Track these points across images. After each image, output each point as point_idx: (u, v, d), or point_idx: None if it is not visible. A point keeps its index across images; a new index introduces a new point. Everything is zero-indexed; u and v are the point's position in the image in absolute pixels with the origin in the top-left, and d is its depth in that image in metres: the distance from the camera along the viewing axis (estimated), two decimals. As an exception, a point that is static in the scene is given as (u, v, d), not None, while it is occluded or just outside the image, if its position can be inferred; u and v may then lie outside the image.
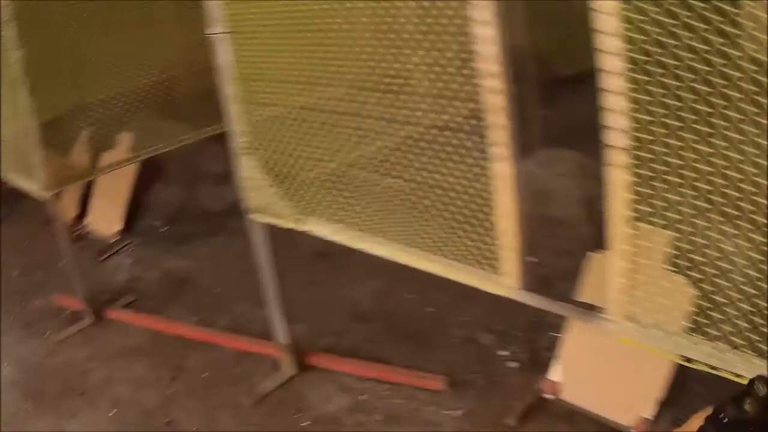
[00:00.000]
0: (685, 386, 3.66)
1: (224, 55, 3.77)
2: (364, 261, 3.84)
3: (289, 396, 4.48)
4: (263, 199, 3.96)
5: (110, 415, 4.45)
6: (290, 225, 3.88)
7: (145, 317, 5.31)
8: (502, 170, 2.85)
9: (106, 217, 6.34)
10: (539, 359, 4.27)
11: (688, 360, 2.63)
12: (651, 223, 2.53)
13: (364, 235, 3.57)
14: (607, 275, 2.73)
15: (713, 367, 2.56)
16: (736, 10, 2.11)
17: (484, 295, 3.24)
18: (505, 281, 3.07)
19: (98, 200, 6.43)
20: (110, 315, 5.38)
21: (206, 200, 6.41)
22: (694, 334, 2.57)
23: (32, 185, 5.25)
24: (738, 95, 2.15)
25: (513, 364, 4.36)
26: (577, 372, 3.92)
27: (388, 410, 4.23)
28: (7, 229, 6.96)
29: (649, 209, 2.49)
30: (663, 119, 2.33)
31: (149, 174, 6.36)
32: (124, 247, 6.22)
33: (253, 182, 3.94)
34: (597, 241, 4.62)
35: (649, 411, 3.64)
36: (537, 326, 4.47)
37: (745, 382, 1.50)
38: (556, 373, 4.00)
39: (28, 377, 4.86)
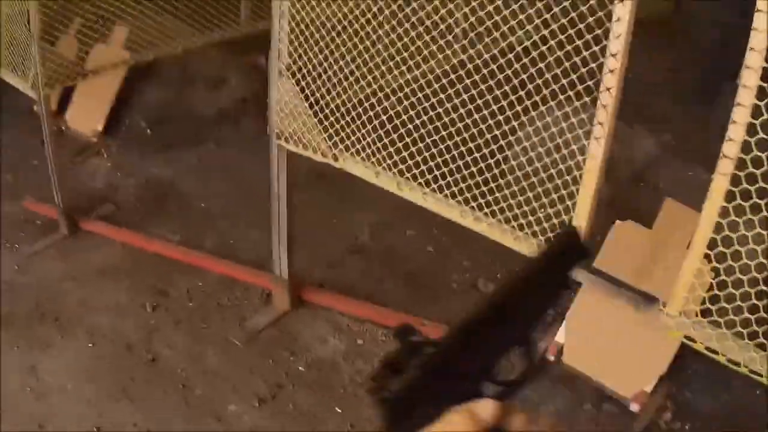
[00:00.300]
0: (684, 363, 3.64)
1: None
2: (364, 187, 3.60)
3: (282, 335, 4.20)
4: (295, 126, 3.66)
5: (88, 346, 4.08)
6: (322, 158, 3.60)
7: (124, 232, 4.89)
8: (597, 150, 2.75)
9: (86, 115, 5.81)
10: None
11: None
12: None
13: (405, 181, 3.35)
14: (681, 275, 2.66)
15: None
16: None
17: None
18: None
19: (80, 95, 5.86)
20: (86, 227, 4.94)
21: (196, 105, 5.93)
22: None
23: (21, 81, 4.76)
24: None
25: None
26: (583, 338, 3.83)
27: (387, 357, 3.95)
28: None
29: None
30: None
31: (137, 71, 5.80)
32: (102, 148, 5.73)
33: (286, 106, 3.63)
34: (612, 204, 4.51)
35: (649, 385, 3.63)
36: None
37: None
38: (560, 336, 3.90)
39: (-5, 297, 4.44)
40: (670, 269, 2.83)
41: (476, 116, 3.05)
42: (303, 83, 3.55)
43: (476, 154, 3.12)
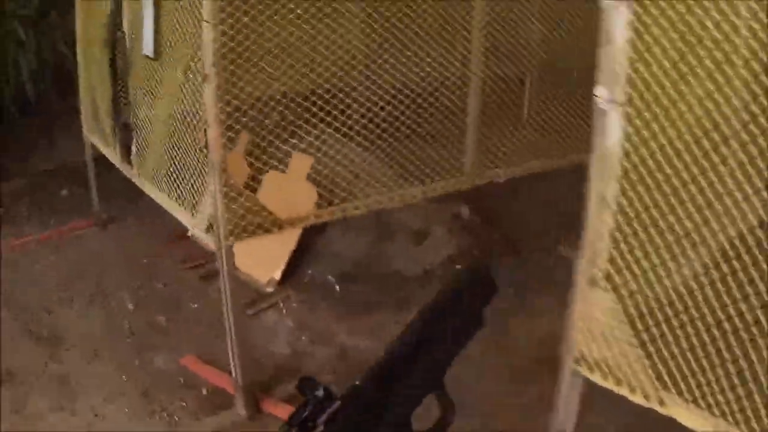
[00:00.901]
0: None
1: (612, 132, 2.34)
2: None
3: None
4: (607, 354, 2.58)
5: None
6: (643, 401, 2.49)
7: (320, 422, 3.72)
8: None
9: (260, 257, 4.75)
10: None
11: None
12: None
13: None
14: None
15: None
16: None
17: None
18: None
19: (252, 233, 4.86)
20: (270, 408, 3.81)
21: (395, 260, 4.87)
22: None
23: (187, 215, 3.79)
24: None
25: None
26: None
27: None
28: (117, 234, 5.46)
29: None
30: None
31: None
32: (281, 301, 4.66)
33: (597, 327, 2.57)
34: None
35: None
36: None
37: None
38: None
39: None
40: None
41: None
42: (628, 300, 2.48)
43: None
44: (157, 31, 3.96)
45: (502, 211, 5.37)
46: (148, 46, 4.02)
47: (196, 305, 4.60)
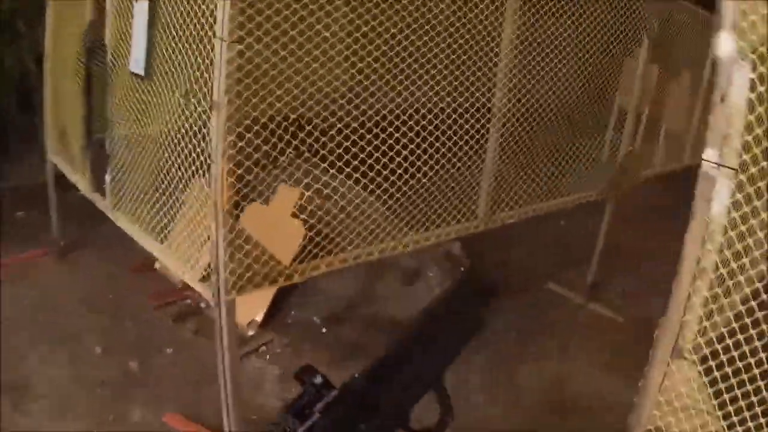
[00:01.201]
0: None
1: (719, 199, 2.07)
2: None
3: None
4: (687, 427, 2.34)
5: None
6: None
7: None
8: None
9: (239, 298, 4.41)
10: None
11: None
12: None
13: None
14: None
15: None
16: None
17: None
18: None
19: (231, 269, 4.51)
20: (263, 468, 3.46)
21: (386, 302, 4.56)
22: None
23: (182, 265, 3.40)
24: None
25: None
26: None
27: None
28: (79, 264, 5.05)
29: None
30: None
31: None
32: (264, 345, 4.32)
33: (677, 399, 2.33)
34: None
35: None
36: None
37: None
38: None
39: None
40: None
41: None
42: (716, 372, 2.24)
43: None
44: (149, 48, 3.58)
45: (491, 247, 5.12)
46: (138, 64, 3.60)
47: (170, 350, 4.24)
